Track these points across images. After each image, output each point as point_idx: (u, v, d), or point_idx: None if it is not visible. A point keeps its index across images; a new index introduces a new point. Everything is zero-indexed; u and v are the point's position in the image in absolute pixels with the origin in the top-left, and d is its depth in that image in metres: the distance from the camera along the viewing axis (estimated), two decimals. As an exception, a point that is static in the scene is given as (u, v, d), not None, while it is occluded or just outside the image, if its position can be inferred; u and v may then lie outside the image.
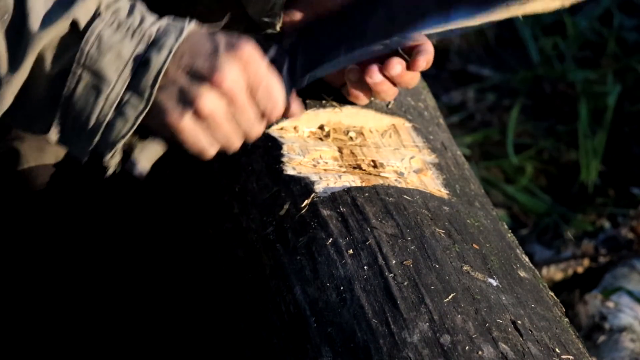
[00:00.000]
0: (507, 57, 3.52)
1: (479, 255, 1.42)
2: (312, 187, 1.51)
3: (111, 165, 1.42)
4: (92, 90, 1.37)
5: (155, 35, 1.38)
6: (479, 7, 1.43)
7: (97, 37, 1.36)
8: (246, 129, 1.44)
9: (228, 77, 1.39)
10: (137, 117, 1.38)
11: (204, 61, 1.40)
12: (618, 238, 2.80)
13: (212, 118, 1.41)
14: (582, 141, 3.07)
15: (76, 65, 1.36)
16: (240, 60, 1.41)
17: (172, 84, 1.39)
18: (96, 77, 1.37)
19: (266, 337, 1.42)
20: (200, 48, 1.40)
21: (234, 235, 1.59)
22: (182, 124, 1.40)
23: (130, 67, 1.37)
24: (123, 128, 1.39)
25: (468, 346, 1.25)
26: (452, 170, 1.63)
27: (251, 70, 1.42)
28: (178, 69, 1.39)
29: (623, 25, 3.53)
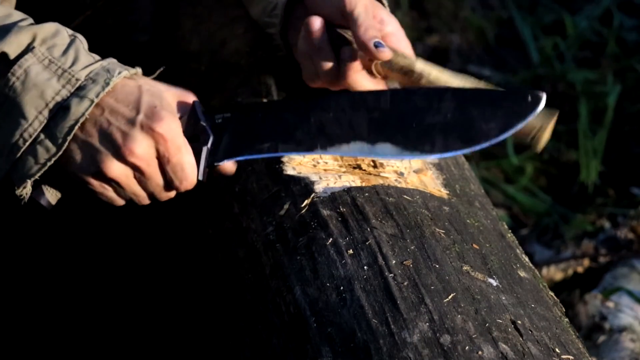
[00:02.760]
0: (507, 57, 3.52)
1: (479, 255, 1.42)
2: (312, 187, 1.50)
3: (23, 195, 1.43)
4: (9, 122, 1.39)
5: (82, 81, 1.39)
6: (404, 149, 1.45)
7: (24, 72, 1.37)
8: (154, 192, 1.47)
9: (137, 149, 1.41)
10: (47, 160, 1.40)
11: (119, 126, 1.41)
12: (618, 238, 2.80)
13: (116, 182, 1.43)
14: (582, 141, 3.06)
15: (0, 93, 1.38)
16: (154, 133, 1.42)
17: (85, 139, 1.41)
18: (16, 110, 1.38)
19: (266, 337, 1.42)
20: (121, 109, 1.41)
21: (234, 235, 1.59)
22: (88, 179, 1.43)
23: (50, 109, 1.38)
24: (33, 167, 1.40)
25: (468, 346, 1.25)
26: (452, 170, 1.62)
27: (164, 145, 1.42)
28: (94, 126, 1.40)
29: (623, 25, 3.53)
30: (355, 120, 1.48)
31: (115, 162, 1.41)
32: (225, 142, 1.48)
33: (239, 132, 1.49)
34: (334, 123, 1.48)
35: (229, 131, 1.48)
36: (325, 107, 1.49)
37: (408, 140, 1.45)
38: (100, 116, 1.40)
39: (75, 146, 1.41)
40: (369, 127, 1.47)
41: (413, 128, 1.45)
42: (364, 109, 1.48)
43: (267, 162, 1.60)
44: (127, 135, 1.40)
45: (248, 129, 1.49)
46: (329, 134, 1.48)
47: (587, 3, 3.62)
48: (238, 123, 1.49)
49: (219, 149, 1.48)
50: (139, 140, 1.41)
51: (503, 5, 3.65)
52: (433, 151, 1.45)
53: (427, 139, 1.45)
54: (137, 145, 1.41)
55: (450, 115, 1.45)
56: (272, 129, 1.49)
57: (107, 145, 1.40)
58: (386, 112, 1.47)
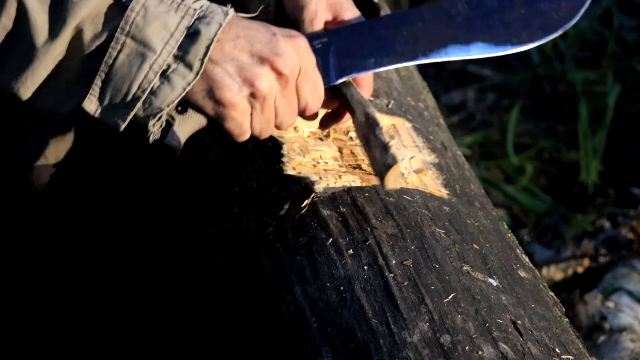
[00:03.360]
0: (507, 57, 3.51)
1: (479, 255, 1.42)
2: (312, 187, 1.51)
3: (154, 130, 1.42)
4: (136, 58, 1.37)
5: (200, 11, 1.39)
6: (496, 44, 1.54)
7: (142, 6, 1.36)
8: (284, 117, 1.46)
9: (288, 62, 1.42)
10: (185, 85, 1.39)
11: (265, 44, 1.42)
12: (618, 238, 2.80)
13: (265, 100, 1.43)
14: (582, 141, 3.07)
15: (120, 32, 1.36)
16: (299, 47, 1.44)
17: (230, 60, 1.40)
18: (141, 45, 1.37)
19: (266, 337, 1.42)
20: (256, 32, 1.42)
21: (234, 235, 1.59)
22: (237, 101, 1.42)
23: (177, 37, 1.38)
24: (170, 94, 1.39)
25: (468, 346, 1.25)
26: (452, 170, 1.63)
27: (305, 63, 1.44)
28: (235, 48, 1.41)
29: (623, 25, 3.53)
30: (444, 27, 1.55)
31: (270, 76, 1.42)
32: (333, 63, 1.51)
33: (341, 53, 1.52)
34: (426, 32, 1.54)
35: (332, 53, 1.52)
36: (414, 20, 1.55)
37: (496, 36, 1.54)
38: (237, 39, 1.41)
39: (220, 70, 1.40)
40: (458, 31, 1.54)
41: (496, 25, 1.54)
42: (447, 17, 1.55)
43: (267, 162, 1.60)
44: (276, 50, 1.41)
45: (349, 49, 1.53)
46: (426, 43, 1.53)
47: (587, 3, 3.61)
48: (337, 45, 1.52)
49: (330, 70, 1.51)
50: (289, 53, 1.42)
51: (503, 5, 3.65)
52: (521, 42, 1.54)
53: (512, 33, 1.54)
54: (289, 58, 1.42)
55: (524, 11, 1.54)
56: (371, 46, 1.53)
57: (259, 61, 1.41)
58: (468, 16, 1.55)
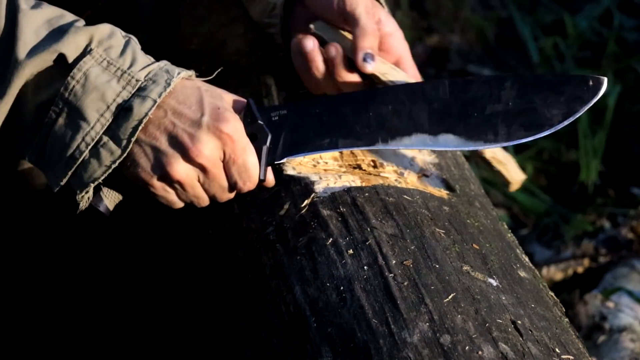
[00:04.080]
0: (507, 57, 3.52)
1: (479, 255, 1.42)
2: (312, 187, 1.50)
3: (82, 202, 1.43)
4: (70, 126, 1.37)
5: (142, 82, 1.38)
6: (467, 139, 1.44)
7: (83, 75, 1.36)
8: (216, 194, 1.46)
9: (204, 150, 1.40)
10: (112, 162, 1.39)
11: (185, 128, 1.40)
12: (618, 238, 2.80)
13: (181, 184, 1.42)
14: (582, 141, 3.06)
15: (59, 98, 1.36)
16: (221, 134, 1.41)
17: (149, 142, 1.40)
18: (77, 114, 1.37)
19: (266, 337, 1.42)
20: (185, 112, 1.40)
21: (234, 235, 1.59)
22: (152, 182, 1.42)
23: (112, 111, 1.37)
24: (97, 170, 1.39)
25: (468, 346, 1.25)
26: (452, 170, 1.62)
27: (230, 146, 1.42)
28: (158, 129, 1.39)
29: (623, 25, 3.53)
30: (415, 112, 1.46)
31: (182, 163, 1.40)
32: (284, 139, 1.47)
33: (297, 129, 1.47)
34: (393, 116, 1.46)
35: (287, 128, 1.47)
36: (384, 100, 1.47)
37: (470, 130, 1.43)
38: (163, 118, 1.39)
39: (139, 149, 1.40)
40: (430, 118, 1.45)
41: (474, 117, 1.43)
42: (422, 100, 1.46)
43: (267, 162, 1.60)
44: (194, 136, 1.40)
45: (306, 125, 1.48)
46: (389, 127, 1.46)
47: (587, 3, 3.62)
48: (295, 119, 1.48)
49: (278, 147, 1.47)
50: (206, 141, 1.40)
51: (503, 5, 3.66)
52: (497, 140, 1.43)
53: (489, 128, 1.43)
54: (205, 146, 1.40)
55: (512, 103, 1.42)
56: (330, 124, 1.47)
57: (174, 147, 1.40)
58: (446, 102, 1.45)
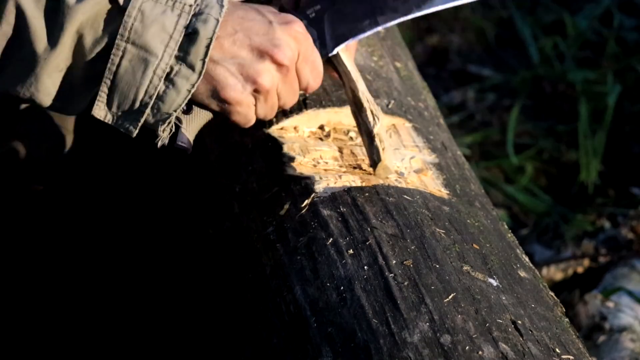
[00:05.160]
0: (507, 57, 3.52)
1: (479, 255, 1.42)
2: (312, 187, 1.51)
3: (163, 136, 1.43)
4: (138, 63, 1.37)
5: (196, 7, 1.38)
6: None
7: (139, 11, 1.36)
8: (287, 100, 1.48)
9: (287, 53, 1.42)
10: (190, 88, 1.39)
11: (263, 36, 1.42)
12: (618, 238, 2.80)
13: (269, 92, 1.44)
14: (582, 141, 3.06)
15: (120, 39, 1.36)
16: (296, 33, 1.44)
17: (231, 59, 1.41)
18: (142, 50, 1.37)
19: (266, 337, 1.42)
20: (252, 24, 1.42)
21: (234, 235, 1.59)
22: (242, 98, 1.43)
23: (177, 39, 1.37)
24: (177, 98, 1.39)
25: (468, 346, 1.25)
26: (452, 170, 1.63)
27: (304, 44, 1.45)
28: (235, 44, 1.41)
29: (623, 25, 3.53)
30: None
31: (271, 70, 1.42)
32: (329, 32, 1.52)
33: (335, 19, 1.52)
34: None
35: (327, 21, 1.52)
36: None
37: None
38: (235, 34, 1.41)
39: (222, 69, 1.41)
40: None
41: None
42: None
43: (267, 162, 1.60)
44: (274, 40, 1.42)
45: (343, 13, 1.53)
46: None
47: (587, 3, 3.62)
48: (331, 11, 1.53)
49: (325, 40, 1.51)
50: (287, 42, 1.42)
51: (503, 5, 3.66)
52: None
53: None
54: (287, 48, 1.42)
55: None
56: (365, 6, 1.53)
57: (259, 56, 1.41)
58: None
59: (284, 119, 1.63)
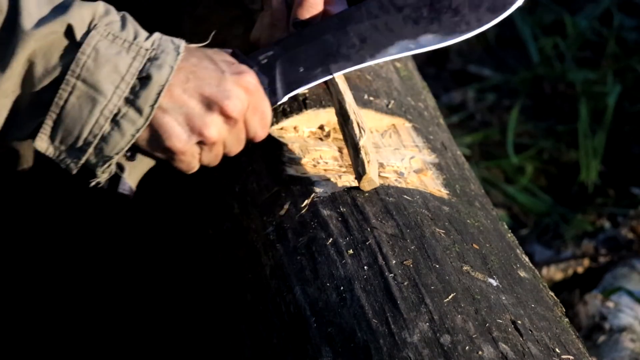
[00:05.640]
0: (507, 57, 3.52)
1: (479, 255, 1.42)
2: (312, 187, 1.50)
3: (102, 179, 1.41)
4: (86, 101, 1.35)
5: (152, 52, 1.36)
6: (445, 34, 1.52)
7: (93, 49, 1.34)
8: (232, 149, 1.46)
9: (237, 105, 1.40)
10: (134, 132, 1.37)
11: (214, 88, 1.40)
12: (618, 238, 2.80)
13: (215, 144, 1.42)
14: (582, 141, 3.06)
15: (71, 75, 1.34)
16: (245, 88, 1.42)
17: (179, 108, 1.39)
18: (92, 89, 1.35)
19: (266, 337, 1.42)
20: (205, 73, 1.40)
21: (234, 235, 1.59)
22: (186, 149, 1.41)
23: (128, 81, 1.35)
24: (120, 141, 1.37)
25: (468, 346, 1.25)
26: (452, 170, 1.62)
27: (253, 99, 1.43)
28: (185, 93, 1.39)
29: (623, 25, 3.53)
30: (391, 22, 1.52)
31: (219, 122, 1.40)
32: (280, 79, 1.49)
33: (287, 67, 1.50)
34: (372, 30, 1.51)
35: (278, 68, 1.50)
36: (358, 18, 1.52)
37: (444, 26, 1.51)
38: (187, 82, 1.39)
39: (169, 117, 1.38)
40: (405, 24, 1.51)
41: (444, 13, 1.51)
42: (394, 9, 1.52)
43: (267, 162, 1.60)
44: (225, 92, 1.40)
45: (295, 61, 1.50)
46: (372, 42, 1.51)
47: (587, 3, 3.62)
48: (284, 57, 1.50)
49: (276, 88, 1.49)
50: (237, 94, 1.40)
51: (503, 5, 3.65)
52: (469, 28, 1.52)
53: (460, 19, 1.51)
54: (237, 100, 1.40)
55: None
56: (317, 53, 1.51)
57: (207, 107, 1.39)
58: (415, 7, 1.52)
59: (284, 119, 1.63)
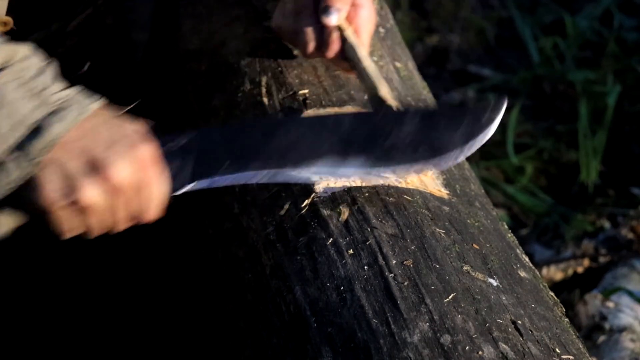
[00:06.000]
0: (507, 57, 3.52)
1: (479, 255, 1.42)
2: (312, 187, 1.50)
3: None
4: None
5: (57, 105, 1.34)
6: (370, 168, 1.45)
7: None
8: (116, 223, 1.41)
9: (120, 173, 1.35)
10: (18, 178, 1.33)
11: (101, 151, 1.35)
12: (618, 238, 2.80)
13: (88, 209, 1.36)
14: (582, 141, 3.06)
15: None
16: (136, 159, 1.36)
17: (60, 165, 1.34)
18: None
19: (266, 337, 1.42)
20: (99, 135, 1.36)
21: (234, 235, 1.59)
22: (56, 208, 1.36)
23: (24, 128, 1.32)
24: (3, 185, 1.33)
25: (468, 346, 1.25)
26: (452, 170, 1.62)
27: (143, 173, 1.38)
28: (71, 151, 1.34)
29: (623, 25, 3.53)
30: (319, 142, 1.46)
31: (95, 187, 1.35)
32: (187, 169, 1.43)
33: (200, 158, 1.43)
34: (296, 145, 1.45)
35: (191, 157, 1.43)
36: (287, 130, 1.46)
37: (373, 160, 1.45)
38: (77, 141, 1.34)
39: (48, 172, 1.34)
40: (332, 148, 1.45)
41: (377, 149, 1.45)
42: (325, 131, 1.46)
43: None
44: (109, 159, 1.34)
45: (211, 153, 1.44)
46: (291, 156, 1.45)
47: (587, 3, 3.61)
48: (200, 147, 1.44)
49: (182, 176, 1.43)
50: (121, 165, 1.35)
51: (503, 5, 3.65)
52: (396, 171, 1.46)
53: (391, 159, 1.46)
54: (121, 169, 1.35)
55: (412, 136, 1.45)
56: (234, 153, 1.44)
57: (88, 170, 1.34)
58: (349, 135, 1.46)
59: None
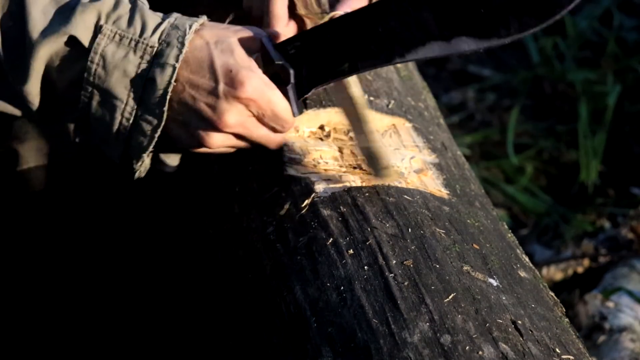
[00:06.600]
0: (507, 57, 3.52)
1: (479, 255, 1.42)
2: (312, 187, 1.50)
3: (140, 171, 1.46)
4: (106, 106, 1.39)
5: (157, 47, 1.38)
6: (480, 38, 1.39)
7: (101, 56, 1.37)
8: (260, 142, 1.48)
9: (230, 120, 1.42)
10: (153, 132, 1.41)
11: (205, 101, 1.41)
12: (618, 238, 2.80)
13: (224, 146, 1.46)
14: (582, 141, 3.07)
15: (85, 83, 1.38)
16: (241, 99, 1.42)
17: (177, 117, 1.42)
18: (108, 95, 1.38)
19: (266, 337, 1.42)
20: (199, 81, 1.41)
21: (234, 236, 1.59)
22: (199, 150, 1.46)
23: (138, 84, 1.38)
24: (144, 141, 1.41)
25: (468, 346, 1.25)
26: (452, 170, 1.62)
27: (255, 105, 1.43)
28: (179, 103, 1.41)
29: (623, 25, 3.53)
30: (423, 20, 1.42)
31: (214, 135, 1.43)
32: (306, 72, 1.47)
33: (315, 58, 1.46)
34: (403, 28, 1.43)
35: (306, 60, 1.47)
36: (390, 14, 1.43)
37: (482, 28, 1.38)
38: (182, 92, 1.40)
39: (173, 124, 1.42)
40: (438, 24, 1.41)
41: (483, 14, 1.38)
42: (427, 7, 1.41)
43: (268, 163, 1.60)
44: (216, 109, 1.41)
45: (323, 53, 1.46)
46: (402, 41, 1.43)
47: (587, 3, 3.62)
48: (311, 49, 1.47)
49: (303, 80, 1.47)
50: (228, 111, 1.41)
51: (503, 5, 3.65)
52: (509, 34, 1.37)
53: (500, 23, 1.37)
54: (229, 116, 1.41)
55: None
56: (346, 48, 1.45)
57: (200, 121, 1.42)
58: (451, 5, 1.40)
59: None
